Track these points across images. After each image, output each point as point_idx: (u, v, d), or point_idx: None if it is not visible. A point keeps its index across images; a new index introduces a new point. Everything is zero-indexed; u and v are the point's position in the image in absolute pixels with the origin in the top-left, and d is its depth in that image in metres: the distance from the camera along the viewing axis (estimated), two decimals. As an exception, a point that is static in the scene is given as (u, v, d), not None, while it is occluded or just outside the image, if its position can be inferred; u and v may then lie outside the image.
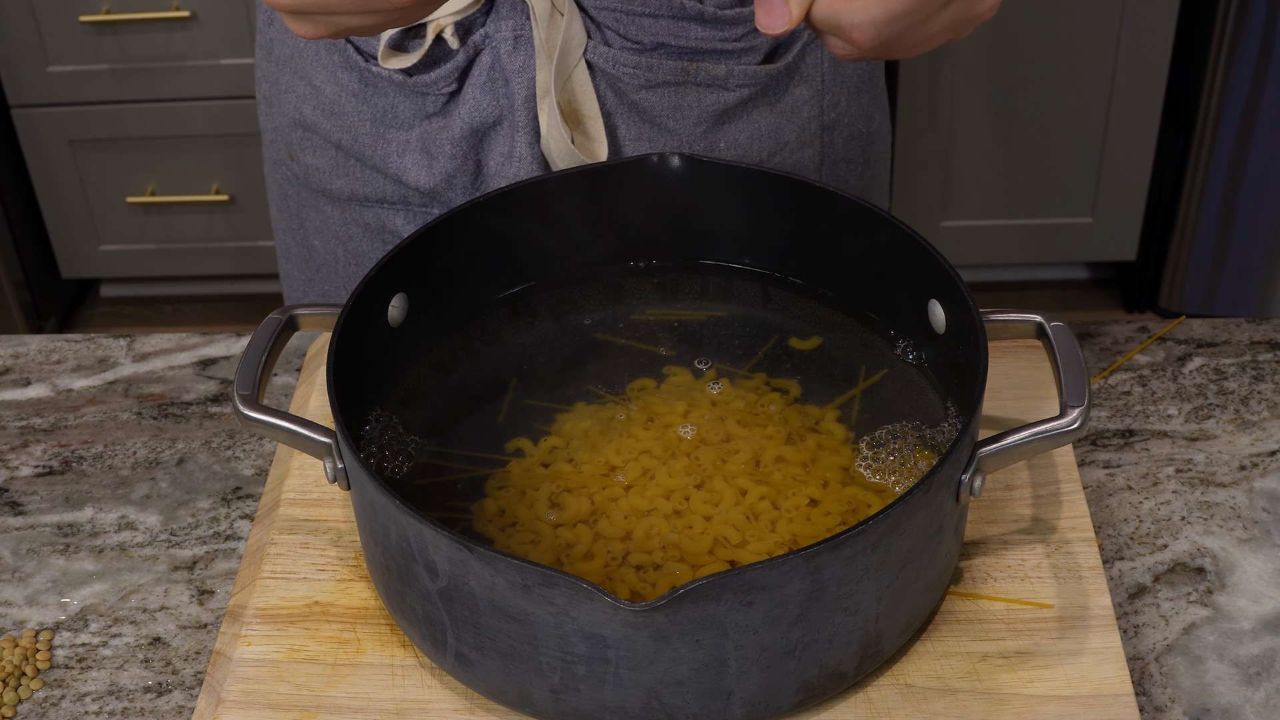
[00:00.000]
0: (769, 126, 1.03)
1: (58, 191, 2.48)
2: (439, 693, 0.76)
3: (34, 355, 1.04)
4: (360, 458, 0.72)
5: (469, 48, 0.98)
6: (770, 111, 1.02)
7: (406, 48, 1.00)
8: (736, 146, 1.02)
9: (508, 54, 0.98)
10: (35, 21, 2.29)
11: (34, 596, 0.86)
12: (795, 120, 1.04)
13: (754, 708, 0.72)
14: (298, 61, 1.05)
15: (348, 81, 1.02)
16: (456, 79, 0.99)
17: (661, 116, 1.00)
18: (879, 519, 0.68)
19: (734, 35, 0.99)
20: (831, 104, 1.05)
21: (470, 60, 0.99)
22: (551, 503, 0.79)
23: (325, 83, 1.03)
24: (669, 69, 0.98)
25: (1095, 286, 2.58)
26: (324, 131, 1.05)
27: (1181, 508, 0.89)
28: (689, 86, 0.99)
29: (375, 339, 0.84)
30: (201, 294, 2.72)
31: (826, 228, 0.87)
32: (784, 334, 0.89)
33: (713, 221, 0.92)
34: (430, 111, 1.01)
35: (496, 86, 0.99)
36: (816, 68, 1.03)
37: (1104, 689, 0.75)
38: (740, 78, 1.00)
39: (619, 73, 0.98)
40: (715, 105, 1.00)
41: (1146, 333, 1.02)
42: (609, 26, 0.98)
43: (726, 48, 0.99)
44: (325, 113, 1.04)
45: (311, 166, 1.08)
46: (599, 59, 0.98)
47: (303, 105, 1.06)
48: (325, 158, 1.06)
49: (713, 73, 0.99)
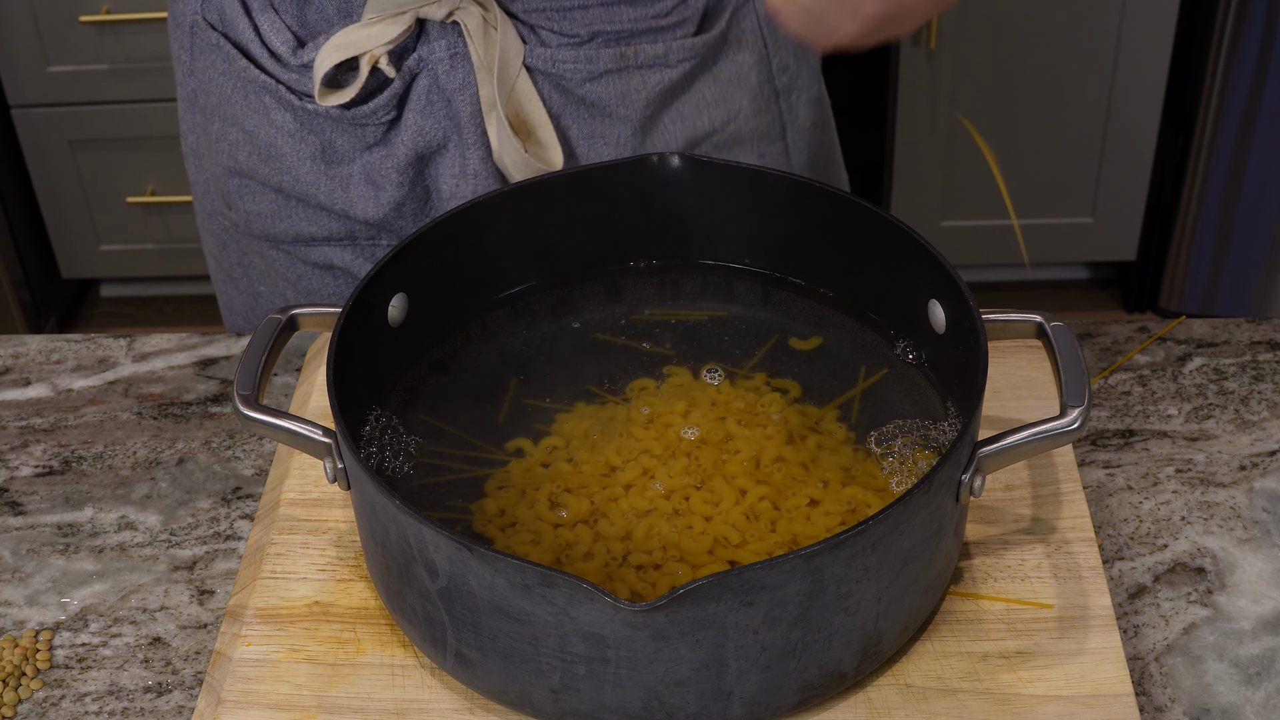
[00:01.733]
0: (715, 95, 1.03)
1: (58, 191, 2.48)
2: (439, 693, 0.76)
3: (34, 355, 1.04)
4: (360, 458, 0.72)
5: (404, 74, 0.98)
6: (714, 81, 1.02)
7: (341, 82, 0.98)
8: (684, 120, 1.02)
9: (445, 74, 0.97)
10: (35, 21, 2.29)
11: (34, 596, 0.86)
12: (743, 87, 1.04)
13: (754, 708, 0.72)
14: (227, 109, 1.03)
15: (283, 122, 1.01)
16: (395, 106, 0.98)
17: (610, 105, 1.00)
18: (879, 519, 0.68)
19: (663, 10, 0.99)
20: (781, 68, 1.05)
21: (407, 86, 0.98)
22: (552, 502, 0.79)
23: (259, 126, 1.02)
24: (608, 57, 0.98)
25: (1095, 286, 2.58)
26: (262, 176, 1.04)
27: (1181, 508, 0.89)
28: (631, 70, 0.99)
29: (375, 339, 0.84)
30: (201, 294, 2.72)
31: (826, 227, 0.87)
32: (784, 334, 0.89)
33: (712, 221, 0.92)
34: (371, 142, 1.00)
35: (437, 108, 0.98)
36: (754, 32, 1.03)
37: (1104, 689, 0.75)
38: (678, 52, 1.00)
39: (560, 70, 0.98)
40: (660, 84, 1.00)
41: (1146, 333, 1.01)
42: (542, 27, 0.98)
43: (659, 24, 0.99)
44: (262, 157, 1.03)
45: (252, 213, 1.06)
46: (538, 61, 0.98)
47: (236, 152, 1.04)
48: (266, 202, 1.05)
49: (651, 52, 0.99)
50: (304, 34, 1.00)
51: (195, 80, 1.06)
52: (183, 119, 1.10)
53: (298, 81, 1.00)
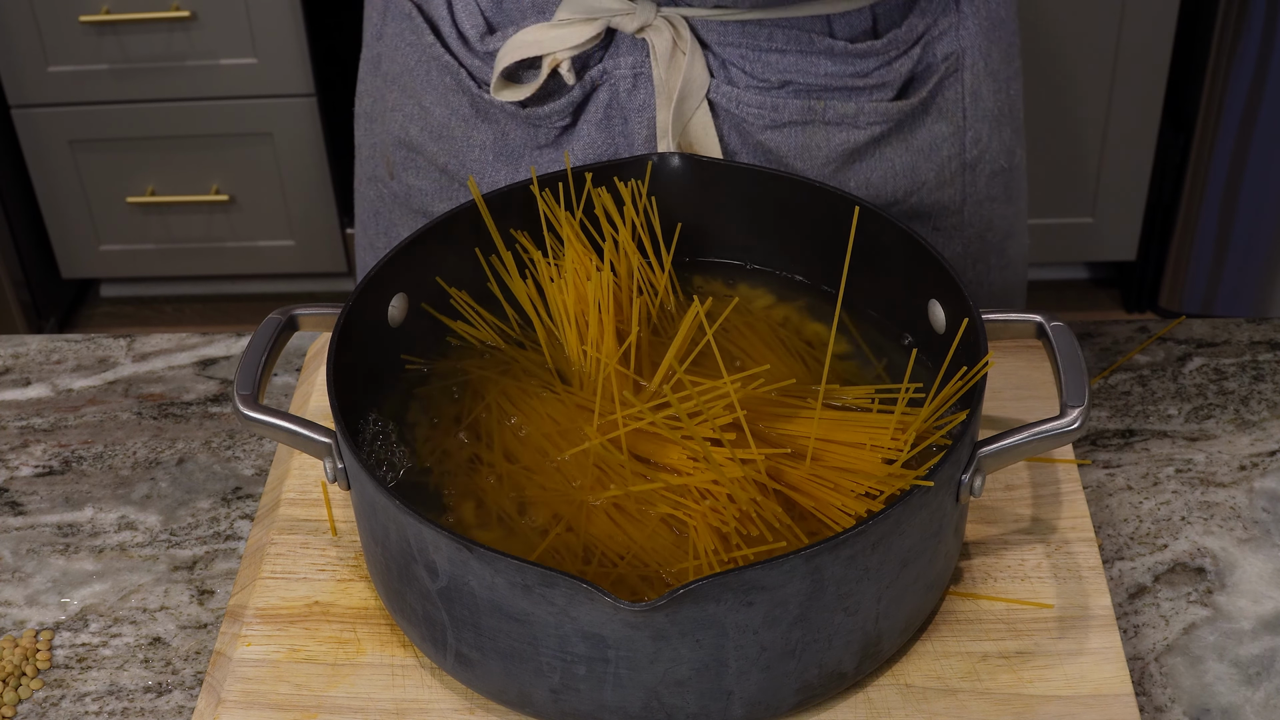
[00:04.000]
0: (904, 165, 0.98)
1: (58, 191, 2.48)
2: (439, 693, 0.76)
3: (34, 355, 1.04)
4: (360, 458, 0.73)
5: (585, 83, 0.96)
6: (905, 149, 0.98)
7: (520, 79, 0.97)
8: (869, 186, 0.98)
9: (627, 92, 0.95)
10: (35, 21, 2.29)
11: (34, 596, 0.87)
12: (933, 159, 0.99)
13: (754, 708, 0.72)
14: (407, 80, 1.02)
15: (459, 105, 0.99)
16: (571, 114, 0.97)
17: (787, 156, 0.96)
18: (879, 519, 0.68)
19: (863, 70, 0.95)
20: (973, 141, 1.01)
21: (586, 96, 0.96)
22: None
23: (435, 104, 1.00)
24: (795, 107, 0.95)
25: (1095, 286, 2.58)
26: (430, 153, 1.02)
27: (1181, 508, 0.89)
28: (817, 125, 0.95)
29: (375, 339, 0.84)
30: (201, 294, 2.72)
31: (826, 227, 0.87)
32: (784, 333, 0.89)
33: (713, 221, 0.92)
34: (543, 143, 0.98)
35: (614, 124, 0.96)
36: (957, 103, 0.99)
37: (1104, 689, 0.75)
38: (871, 115, 0.96)
39: (743, 113, 0.95)
40: (844, 144, 0.96)
41: (1146, 333, 1.02)
42: (734, 64, 0.94)
43: (856, 84, 0.95)
44: (433, 135, 1.01)
45: (413, 187, 1.05)
46: (722, 99, 0.95)
47: (409, 125, 1.03)
48: (428, 179, 1.03)
49: (841, 110, 0.95)
50: (496, 21, 0.98)
51: (382, 45, 1.04)
52: (362, 80, 1.09)
53: (479, 68, 0.98)
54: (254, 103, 2.38)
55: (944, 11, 0.97)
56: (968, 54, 0.99)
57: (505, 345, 0.88)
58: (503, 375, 0.86)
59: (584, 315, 0.85)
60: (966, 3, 0.98)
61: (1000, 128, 1.03)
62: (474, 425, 0.83)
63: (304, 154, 2.43)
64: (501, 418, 0.83)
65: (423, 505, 0.79)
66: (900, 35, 0.95)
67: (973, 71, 0.99)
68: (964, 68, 0.99)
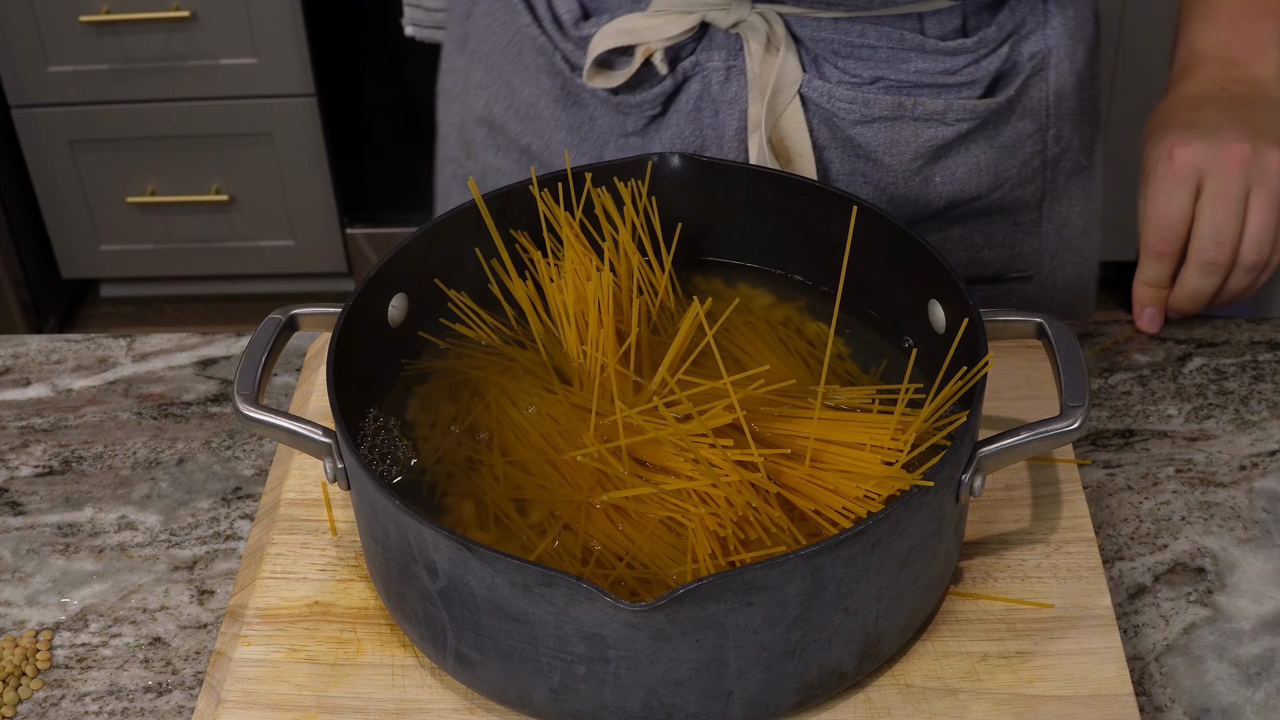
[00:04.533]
0: (988, 161, 1.00)
1: (58, 191, 2.48)
2: (439, 693, 0.76)
3: (34, 355, 1.04)
4: (360, 457, 0.72)
5: (677, 74, 0.96)
6: (990, 146, 1.00)
7: (613, 65, 0.97)
8: (954, 182, 1.00)
9: (719, 85, 0.96)
10: (35, 21, 2.30)
11: (34, 596, 0.87)
12: (1017, 156, 1.01)
13: (754, 708, 0.72)
14: (496, 59, 1.03)
15: (549, 87, 1.00)
16: (662, 104, 0.97)
17: (877, 152, 0.97)
18: (879, 519, 0.68)
19: (953, 68, 0.96)
20: (1055, 139, 1.02)
21: (678, 86, 0.97)
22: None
23: (524, 84, 1.01)
24: (885, 103, 0.96)
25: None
26: (513, 133, 1.03)
27: (1181, 508, 0.89)
28: (905, 121, 0.97)
29: (375, 339, 0.84)
30: (201, 294, 2.72)
31: (827, 227, 0.87)
32: (784, 333, 0.89)
33: (713, 221, 0.92)
34: (630, 130, 0.99)
35: (704, 116, 0.97)
36: (1041, 101, 1.00)
37: (1104, 689, 0.75)
38: (959, 112, 0.97)
39: (834, 108, 0.96)
40: (932, 140, 0.98)
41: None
42: (826, 60, 0.96)
43: (945, 81, 0.96)
44: (519, 114, 1.02)
45: (489, 166, 1.05)
46: (813, 93, 0.96)
47: (494, 104, 1.03)
48: (507, 159, 1.04)
49: (930, 107, 0.96)
50: (591, 6, 0.99)
51: (470, 24, 1.05)
52: (446, 58, 1.10)
53: (572, 52, 0.99)
54: (254, 103, 2.38)
55: (1031, 11, 0.99)
56: (1053, 53, 1.00)
57: (505, 345, 0.88)
58: (502, 375, 0.86)
59: (584, 315, 0.85)
60: (1053, 3, 0.99)
61: (1081, 126, 1.05)
62: (473, 425, 0.83)
63: (304, 154, 2.44)
64: (501, 417, 0.83)
65: (422, 505, 0.79)
66: (989, 34, 0.97)
67: (1057, 70, 1.01)
68: (1049, 67, 1.00)
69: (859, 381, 0.85)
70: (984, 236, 1.04)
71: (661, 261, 0.89)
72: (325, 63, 2.35)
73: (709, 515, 0.74)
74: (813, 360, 0.87)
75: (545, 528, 0.77)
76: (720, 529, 0.74)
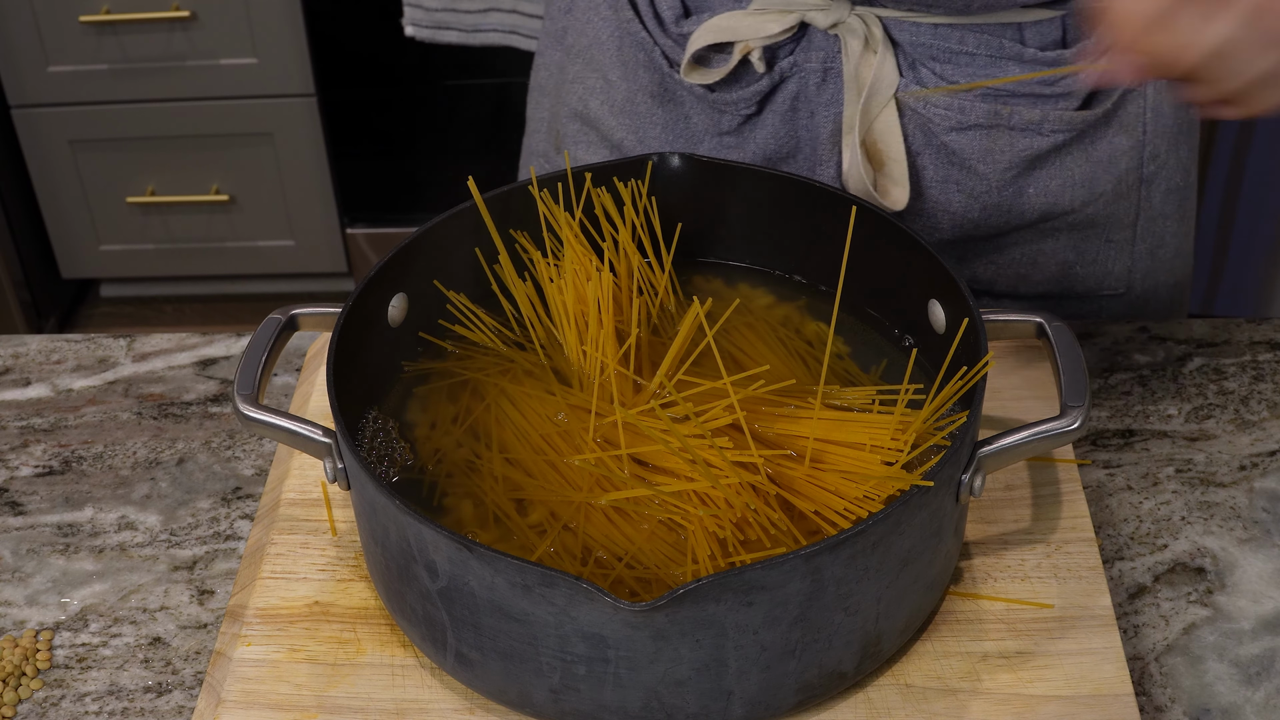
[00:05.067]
0: (1083, 175, 1.00)
1: (58, 191, 2.48)
2: (439, 693, 0.76)
3: (34, 355, 1.04)
4: (360, 457, 0.72)
5: (774, 74, 0.97)
6: (1085, 159, 0.99)
7: (710, 63, 0.98)
8: (1048, 194, 1.00)
9: (816, 86, 0.97)
10: (35, 21, 2.29)
11: (34, 596, 0.87)
12: (1112, 171, 1.00)
13: (754, 708, 0.72)
14: (595, 53, 1.03)
15: (646, 83, 1.01)
16: (758, 103, 0.98)
17: (971, 160, 0.97)
18: (879, 519, 0.68)
19: (1051, 78, 0.96)
20: (1151, 155, 1.02)
21: (774, 86, 0.97)
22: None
23: (621, 79, 1.02)
24: (981, 111, 0.96)
25: (1095, 286, 2.57)
26: (607, 128, 1.04)
27: (1181, 508, 0.89)
28: (1001, 130, 0.97)
29: (375, 339, 0.84)
30: (201, 294, 2.72)
31: (827, 227, 0.87)
32: (784, 333, 0.89)
33: (713, 221, 0.92)
34: (725, 129, 0.99)
35: (799, 117, 0.98)
36: (1138, 117, 1.00)
37: (1104, 689, 0.75)
38: (1055, 123, 0.97)
39: (929, 113, 0.96)
40: (1027, 150, 0.98)
41: (1146, 333, 1.02)
42: (923, 65, 0.96)
43: (1043, 91, 0.96)
44: (615, 109, 1.03)
45: (581, 161, 1.06)
46: (909, 98, 0.96)
47: (590, 98, 1.04)
48: (598, 155, 1.05)
49: (1027, 116, 0.96)
50: (692, 4, 1.00)
51: (570, 19, 1.06)
52: (541, 53, 1.11)
53: (672, 49, 1.00)
54: (254, 103, 2.38)
55: None
56: None
57: (505, 347, 0.88)
58: (502, 376, 0.86)
59: (584, 316, 0.85)
60: None
61: (1179, 145, 1.04)
62: (473, 425, 0.83)
63: (304, 154, 2.43)
64: (501, 418, 0.83)
65: (422, 505, 0.79)
66: (1089, 46, 0.96)
67: (1155, 87, 1.00)
68: (1148, 82, 1.00)
69: (859, 381, 0.85)
70: (1077, 252, 1.04)
71: (661, 262, 0.89)
72: (325, 63, 2.35)
73: (709, 517, 0.74)
74: (812, 360, 0.87)
75: (545, 528, 0.77)
76: (720, 530, 0.74)
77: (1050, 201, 1.00)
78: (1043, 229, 1.02)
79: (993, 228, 1.01)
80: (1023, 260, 1.03)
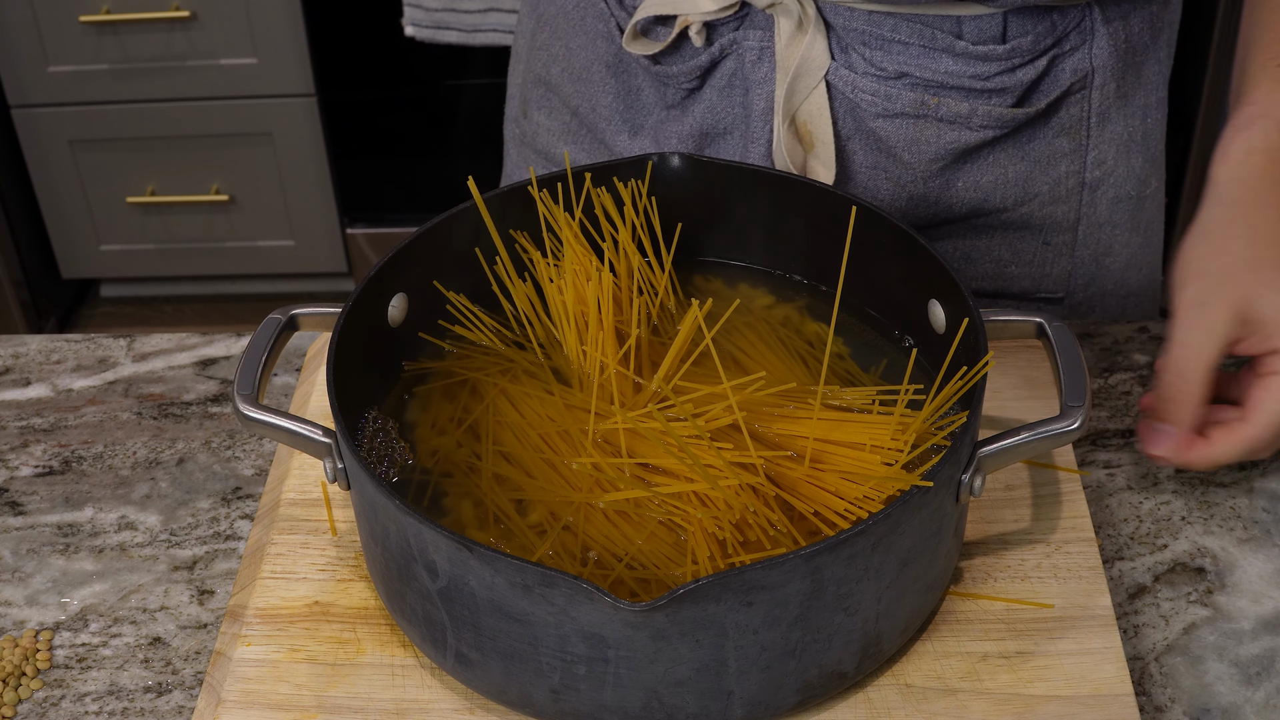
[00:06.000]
0: (1017, 174, 1.00)
1: (58, 191, 2.48)
2: (439, 693, 0.76)
3: (34, 355, 1.04)
4: (360, 457, 0.73)
5: (714, 50, 0.99)
6: (1020, 158, 0.99)
7: (654, 35, 1.01)
8: (978, 189, 1.00)
9: (751, 64, 0.98)
10: (35, 21, 2.30)
11: (34, 596, 0.87)
12: (1050, 173, 1.00)
13: (754, 708, 0.72)
14: (560, 22, 1.06)
15: (603, 52, 1.03)
16: (698, 78, 1.00)
17: (897, 148, 0.98)
18: (879, 519, 0.68)
19: (984, 73, 0.96)
20: (1096, 161, 1.01)
21: (714, 63, 0.99)
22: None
23: (581, 48, 1.04)
24: (908, 100, 0.96)
25: (1095, 286, 2.57)
26: (565, 94, 1.06)
27: (1181, 508, 0.89)
28: (928, 120, 0.97)
29: (375, 339, 0.84)
30: (201, 294, 2.72)
31: (826, 227, 0.87)
32: (784, 333, 0.89)
33: (713, 221, 0.92)
34: (670, 103, 1.02)
35: (735, 94, 0.99)
36: (1080, 121, 1.00)
37: (1104, 689, 0.75)
38: (984, 118, 0.97)
39: (857, 98, 0.97)
40: (955, 143, 0.98)
41: (1146, 333, 1.01)
42: (855, 49, 0.96)
43: (974, 86, 0.96)
44: (573, 77, 1.05)
45: (541, 126, 1.09)
46: (839, 81, 0.97)
47: (552, 64, 1.07)
48: (558, 120, 1.08)
49: (954, 109, 0.96)
50: None
51: None
52: (520, 19, 1.14)
53: (625, 20, 1.02)
54: (254, 103, 2.39)
55: (1077, 29, 0.98)
56: (1097, 74, 0.99)
57: (504, 347, 0.88)
58: (502, 376, 0.86)
59: (583, 316, 0.85)
60: (1102, 24, 0.99)
61: (1130, 154, 1.03)
62: (473, 426, 0.83)
63: (304, 154, 2.44)
64: (500, 418, 0.83)
65: (422, 505, 0.79)
66: (1025, 44, 0.97)
67: (1102, 92, 1.00)
68: (1092, 87, 1.00)
69: (859, 381, 0.85)
70: (1012, 251, 1.04)
71: (661, 262, 0.89)
72: (325, 63, 2.35)
73: (708, 518, 0.74)
74: (812, 360, 0.87)
75: (545, 528, 0.77)
76: (719, 531, 0.74)
77: (980, 197, 1.00)
78: (975, 225, 1.02)
79: (920, 218, 1.02)
80: (955, 255, 1.04)
